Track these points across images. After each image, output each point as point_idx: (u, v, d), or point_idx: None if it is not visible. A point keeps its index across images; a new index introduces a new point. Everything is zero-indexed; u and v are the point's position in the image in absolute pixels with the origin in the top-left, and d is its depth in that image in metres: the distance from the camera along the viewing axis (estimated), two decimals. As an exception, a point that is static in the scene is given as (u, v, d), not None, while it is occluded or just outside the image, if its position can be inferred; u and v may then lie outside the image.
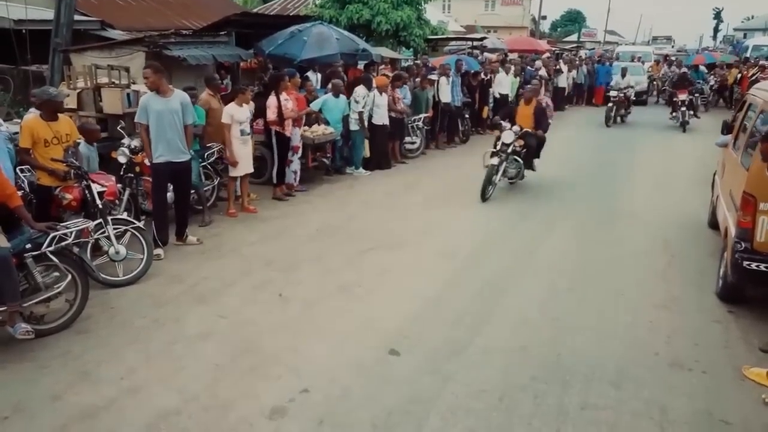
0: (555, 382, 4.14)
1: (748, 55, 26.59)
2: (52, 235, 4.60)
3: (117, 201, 6.38)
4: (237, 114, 7.63)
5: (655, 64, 25.31)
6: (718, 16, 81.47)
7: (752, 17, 61.93)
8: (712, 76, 21.40)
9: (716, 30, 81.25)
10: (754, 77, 17.47)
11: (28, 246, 4.52)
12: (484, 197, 8.67)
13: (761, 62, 21.29)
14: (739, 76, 20.41)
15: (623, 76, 17.77)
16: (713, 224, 7.17)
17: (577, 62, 22.13)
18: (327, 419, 3.74)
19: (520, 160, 9.10)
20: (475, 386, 4.09)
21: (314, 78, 11.08)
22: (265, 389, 4.04)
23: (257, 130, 8.77)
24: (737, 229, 5.06)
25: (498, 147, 8.81)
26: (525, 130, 9.02)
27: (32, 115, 5.94)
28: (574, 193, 9.40)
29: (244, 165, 7.86)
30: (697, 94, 17.31)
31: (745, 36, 47.29)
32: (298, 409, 3.84)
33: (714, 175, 7.52)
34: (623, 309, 5.33)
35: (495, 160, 8.68)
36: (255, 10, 22.20)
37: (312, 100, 9.73)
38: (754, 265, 4.87)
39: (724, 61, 24.62)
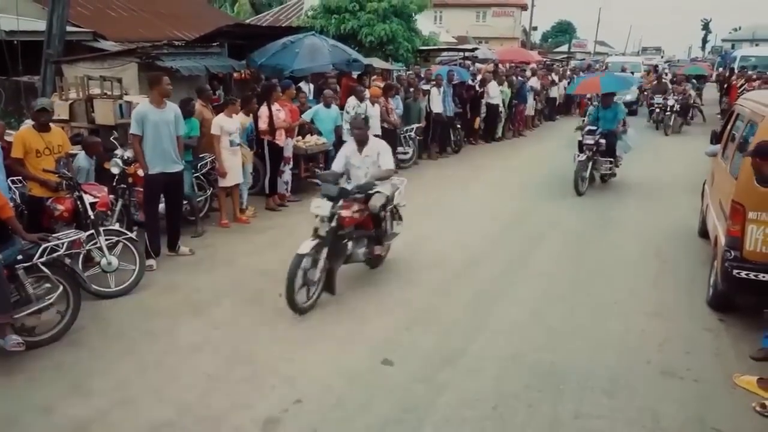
0: (548, 391, 4.15)
1: (735, 65, 26.79)
2: (43, 246, 4.59)
3: (109, 212, 6.36)
4: (226, 125, 7.63)
5: (646, 74, 25.38)
6: (706, 27, 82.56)
7: (739, 28, 62.76)
8: (672, 95, 17.37)
9: (705, 41, 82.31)
10: (742, 88, 17.65)
11: (20, 257, 4.50)
12: None
13: (749, 73, 21.47)
14: (726, 86, 20.61)
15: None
16: (703, 233, 7.22)
17: (569, 73, 22.32)
18: (321, 429, 3.74)
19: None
20: (468, 395, 4.10)
21: (307, 89, 11.11)
22: (259, 400, 4.03)
23: None
24: (727, 238, 5.10)
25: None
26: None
27: (26, 125, 5.94)
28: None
29: (234, 175, 7.84)
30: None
31: (733, 47, 47.85)
32: (291, 419, 3.83)
33: (704, 184, 7.59)
34: (615, 317, 5.36)
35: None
36: (247, 21, 22.29)
37: (304, 111, 9.76)
38: (743, 274, 4.91)
39: (690, 73, 22.97)
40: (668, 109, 16.85)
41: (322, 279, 5.49)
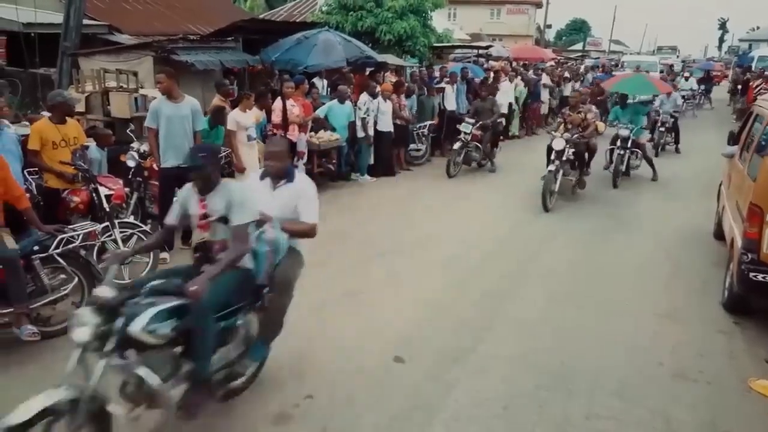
0: (559, 391, 4.13)
1: (753, 65, 26.44)
2: (59, 237, 4.63)
3: (124, 204, 6.41)
4: (242, 120, 7.65)
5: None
6: (723, 26, 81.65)
7: (757, 28, 61.96)
8: (560, 128, 9.38)
9: (721, 40, 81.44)
10: (758, 89, 17.45)
11: (36, 248, 4.55)
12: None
13: (766, 73, 21.15)
14: (740, 87, 20.33)
15: None
16: (719, 235, 7.15)
17: (581, 71, 22.16)
18: (331, 425, 3.75)
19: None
20: (478, 394, 4.09)
21: (320, 84, 11.12)
22: (270, 395, 4.04)
23: None
24: (743, 240, 5.05)
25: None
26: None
27: (42, 117, 5.99)
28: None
29: (251, 170, 7.86)
30: None
31: (750, 47, 47.24)
32: (302, 415, 3.85)
33: (720, 185, 7.51)
34: (627, 318, 5.32)
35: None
36: (262, 16, 22.34)
37: (318, 107, 9.78)
38: (760, 277, 4.87)
39: (617, 91, 12.55)
40: (558, 155, 8.84)
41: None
